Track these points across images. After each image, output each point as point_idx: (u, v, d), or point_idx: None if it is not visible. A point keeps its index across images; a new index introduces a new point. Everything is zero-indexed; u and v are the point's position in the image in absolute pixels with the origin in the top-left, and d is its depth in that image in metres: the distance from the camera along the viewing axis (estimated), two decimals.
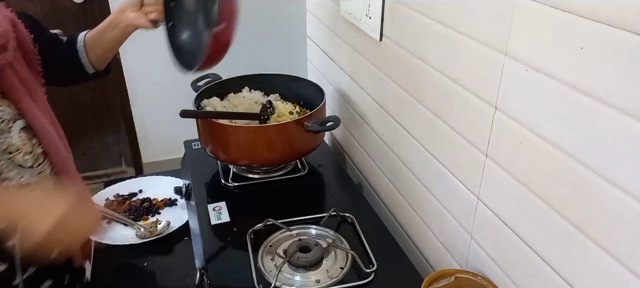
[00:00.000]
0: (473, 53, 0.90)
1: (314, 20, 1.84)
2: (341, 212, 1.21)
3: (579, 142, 0.71)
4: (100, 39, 1.10)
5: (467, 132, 0.97)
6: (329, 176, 1.45)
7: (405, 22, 1.14)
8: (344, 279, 1.03)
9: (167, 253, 1.29)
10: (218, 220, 1.22)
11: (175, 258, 1.27)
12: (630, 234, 0.65)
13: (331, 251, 1.10)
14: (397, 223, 1.34)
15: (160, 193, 1.49)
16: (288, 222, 1.17)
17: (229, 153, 1.33)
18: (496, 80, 0.85)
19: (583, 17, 0.66)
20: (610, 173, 0.67)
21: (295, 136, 1.30)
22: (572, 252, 0.75)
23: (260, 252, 1.10)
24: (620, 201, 0.65)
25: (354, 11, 1.37)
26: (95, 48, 1.11)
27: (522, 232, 0.86)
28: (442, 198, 1.10)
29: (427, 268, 1.20)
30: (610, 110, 0.65)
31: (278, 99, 1.52)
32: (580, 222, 0.73)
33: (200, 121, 1.35)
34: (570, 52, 0.69)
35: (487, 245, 0.97)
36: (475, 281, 0.95)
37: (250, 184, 1.37)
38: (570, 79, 0.70)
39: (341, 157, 1.71)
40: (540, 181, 0.79)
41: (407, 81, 1.18)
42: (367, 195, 1.47)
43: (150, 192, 1.51)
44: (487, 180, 0.93)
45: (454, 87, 0.98)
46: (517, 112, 0.82)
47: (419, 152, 1.16)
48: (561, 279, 0.78)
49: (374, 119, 1.40)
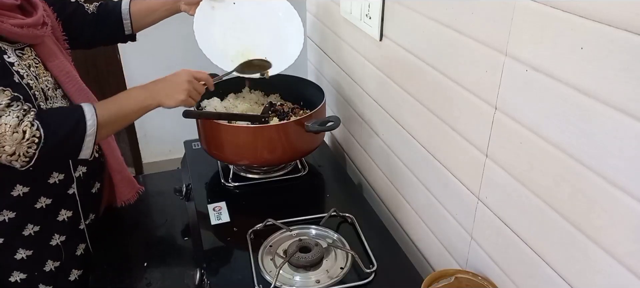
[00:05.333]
0: (473, 53, 0.90)
1: (314, 20, 1.84)
2: (341, 212, 1.21)
3: (579, 142, 0.71)
4: (150, 15, 1.32)
5: (467, 132, 0.97)
6: (329, 176, 1.45)
7: (405, 22, 1.14)
8: (344, 279, 1.03)
9: (167, 253, 1.29)
10: (218, 220, 1.22)
11: (175, 259, 1.27)
12: (630, 234, 0.65)
13: (331, 251, 1.10)
14: (397, 223, 1.34)
15: None
16: (288, 222, 1.17)
17: (229, 154, 1.33)
18: (496, 80, 0.85)
19: (583, 17, 0.66)
20: (610, 173, 0.66)
21: (295, 136, 1.30)
22: (572, 252, 0.75)
23: (260, 252, 1.10)
24: (620, 201, 0.65)
25: (354, 11, 1.37)
26: (143, 19, 1.32)
27: (522, 232, 0.86)
28: (442, 198, 1.10)
29: (427, 268, 1.20)
30: (610, 110, 0.65)
31: (278, 99, 1.52)
32: (580, 222, 0.73)
33: (201, 121, 1.35)
34: (570, 52, 0.69)
35: (487, 245, 0.97)
36: (475, 281, 0.95)
37: (250, 184, 1.37)
38: (570, 79, 0.70)
39: (341, 157, 1.71)
40: (540, 181, 0.79)
41: (407, 81, 1.18)
42: (367, 195, 1.47)
43: None
44: (487, 180, 0.93)
45: (454, 87, 0.98)
46: (517, 112, 0.82)
47: (419, 152, 1.16)
48: (561, 279, 0.78)
49: (374, 119, 1.40)
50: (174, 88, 1.09)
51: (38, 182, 1.10)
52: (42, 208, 1.11)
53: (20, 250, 1.12)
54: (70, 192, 1.16)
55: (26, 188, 1.08)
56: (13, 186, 1.07)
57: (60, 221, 1.15)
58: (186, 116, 1.26)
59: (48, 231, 1.14)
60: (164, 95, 1.08)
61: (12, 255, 1.12)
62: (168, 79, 1.10)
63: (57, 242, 1.15)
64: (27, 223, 1.10)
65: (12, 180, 1.06)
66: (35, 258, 1.14)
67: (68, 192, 1.15)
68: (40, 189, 1.10)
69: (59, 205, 1.14)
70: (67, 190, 1.15)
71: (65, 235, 1.16)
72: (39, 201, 1.10)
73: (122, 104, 1.06)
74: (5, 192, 1.06)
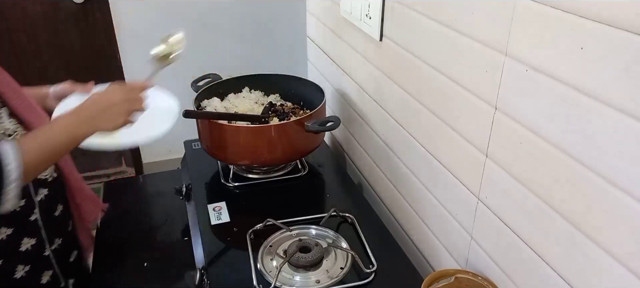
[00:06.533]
0: (473, 53, 0.90)
1: (314, 21, 1.84)
2: (341, 212, 1.21)
3: (579, 142, 0.71)
4: None
5: (467, 132, 0.97)
6: (329, 176, 1.45)
7: (405, 22, 1.14)
8: (344, 279, 1.03)
9: (167, 253, 1.29)
10: (218, 220, 1.22)
11: (175, 259, 1.27)
12: (630, 234, 0.65)
13: (331, 251, 1.10)
14: (397, 223, 1.34)
15: None
16: (288, 222, 1.17)
17: (229, 154, 1.33)
18: (496, 80, 0.85)
19: (583, 17, 0.66)
20: (610, 173, 0.66)
21: (295, 136, 1.30)
22: (572, 252, 0.75)
23: (260, 252, 1.10)
24: (620, 201, 0.65)
25: (354, 11, 1.37)
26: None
27: (522, 232, 0.86)
28: (442, 198, 1.10)
29: (427, 268, 1.20)
30: (610, 110, 0.65)
31: (278, 99, 1.52)
32: (580, 222, 0.73)
33: (201, 121, 1.35)
34: (570, 52, 0.69)
35: (487, 245, 0.97)
36: (475, 281, 0.95)
37: (250, 184, 1.37)
38: (570, 79, 0.70)
39: (341, 157, 1.71)
40: (540, 181, 0.79)
41: (407, 81, 1.18)
42: (367, 195, 1.47)
43: None
44: (487, 180, 0.93)
45: (454, 87, 0.98)
46: (517, 112, 0.82)
47: (419, 152, 1.16)
48: (561, 279, 0.78)
49: (374, 119, 1.40)
50: (111, 111, 0.95)
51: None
52: (2, 240, 0.98)
53: None
54: (32, 218, 1.02)
55: None
56: None
57: (23, 251, 1.02)
58: (186, 116, 1.24)
59: (11, 264, 1.02)
60: (100, 120, 0.93)
61: None
62: (101, 101, 0.95)
63: (21, 274, 1.03)
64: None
65: None
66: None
67: (30, 218, 1.02)
68: (1, 220, 0.98)
69: (21, 233, 1.02)
70: (29, 216, 1.02)
71: (29, 265, 1.04)
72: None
73: (49, 136, 0.90)
74: None
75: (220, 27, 1.97)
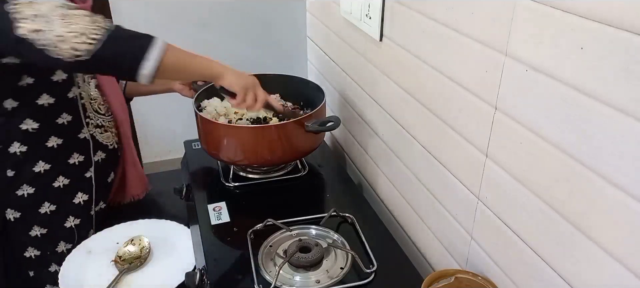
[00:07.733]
0: (473, 53, 0.90)
1: (314, 21, 1.84)
2: (341, 212, 1.21)
3: (579, 142, 0.70)
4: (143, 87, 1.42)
5: (467, 132, 0.97)
6: (329, 176, 1.45)
7: (405, 22, 1.14)
8: (344, 279, 1.03)
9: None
10: (218, 220, 1.22)
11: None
12: (630, 234, 0.65)
13: (331, 251, 1.10)
14: (397, 223, 1.34)
15: None
16: (288, 222, 1.17)
17: (229, 154, 1.33)
18: (496, 80, 0.85)
19: (583, 17, 0.66)
20: (610, 173, 0.66)
21: (295, 136, 1.30)
22: (572, 252, 0.75)
23: (260, 252, 1.10)
24: (620, 201, 0.65)
25: (354, 11, 1.37)
26: (137, 88, 1.45)
27: (522, 232, 0.86)
28: (442, 198, 1.10)
29: (427, 268, 1.20)
30: (610, 110, 0.65)
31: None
32: (580, 222, 0.73)
33: (201, 121, 1.35)
34: (570, 52, 0.69)
35: (487, 245, 0.97)
36: (475, 281, 0.95)
37: (250, 184, 1.37)
38: (570, 79, 0.70)
39: (341, 157, 1.71)
40: (540, 181, 0.79)
41: (407, 81, 1.18)
42: (367, 195, 1.47)
43: None
44: (487, 180, 0.93)
45: (454, 87, 0.98)
46: (517, 112, 0.82)
47: (419, 152, 1.16)
48: (561, 279, 0.78)
49: (374, 119, 1.40)
50: (242, 76, 1.13)
51: (59, 160, 1.15)
52: (59, 187, 1.15)
53: (35, 228, 1.15)
54: (88, 175, 1.20)
55: (47, 165, 1.13)
56: (36, 161, 1.11)
57: (75, 203, 1.20)
58: None
59: (64, 212, 1.18)
60: (232, 73, 1.10)
61: (27, 231, 1.15)
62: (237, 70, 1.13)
63: (71, 225, 1.19)
64: (44, 201, 1.15)
65: (36, 155, 1.11)
66: (49, 237, 1.17)
67: (86, 175, 1.20)
68: (60, 168, 1.15)
69: (76, 187, 1.19)
70: (85, 173, 1.20)
71: (79, 218, 1.21)
72: (57, 180, 1.15)
73: (192, 55, 1.06)
74: (28, 166, 1.11)
75: (220, 27, 1.96)
